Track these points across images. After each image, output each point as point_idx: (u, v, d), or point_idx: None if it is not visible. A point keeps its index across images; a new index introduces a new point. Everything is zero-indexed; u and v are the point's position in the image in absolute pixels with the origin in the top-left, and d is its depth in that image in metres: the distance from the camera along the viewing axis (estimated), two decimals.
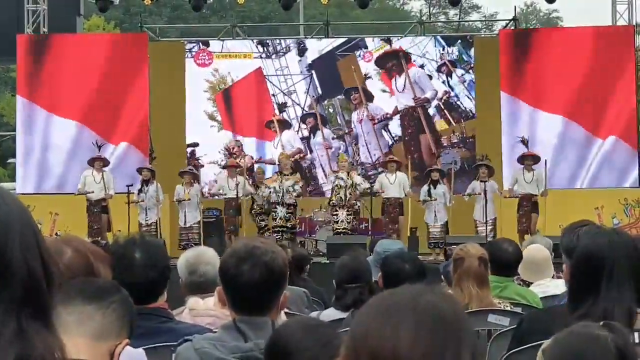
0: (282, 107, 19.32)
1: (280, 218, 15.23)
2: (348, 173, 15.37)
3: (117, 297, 2.16)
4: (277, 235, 14.96)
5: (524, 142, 15.34)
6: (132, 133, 17.46)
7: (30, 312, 1.25)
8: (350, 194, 15.09)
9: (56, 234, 14.96)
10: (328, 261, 12.63)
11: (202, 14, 29.70)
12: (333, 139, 19.32)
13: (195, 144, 19.03)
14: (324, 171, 19.05)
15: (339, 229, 15.11)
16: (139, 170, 15.54)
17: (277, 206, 15.28)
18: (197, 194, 15.35)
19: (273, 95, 19.32)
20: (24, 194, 16.44)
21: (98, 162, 15.41)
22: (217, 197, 16.24)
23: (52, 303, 1.29)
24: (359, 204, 15.52)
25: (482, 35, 31.34)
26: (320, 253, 15.06)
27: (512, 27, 19.47)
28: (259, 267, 2.84)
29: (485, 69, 17.90)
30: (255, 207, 15.94)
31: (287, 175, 15.47)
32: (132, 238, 3.41)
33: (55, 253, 1.34)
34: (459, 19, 40.53)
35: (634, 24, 18.32)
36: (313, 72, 19.36)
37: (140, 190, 15.16)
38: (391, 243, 6.02)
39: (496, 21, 33.17)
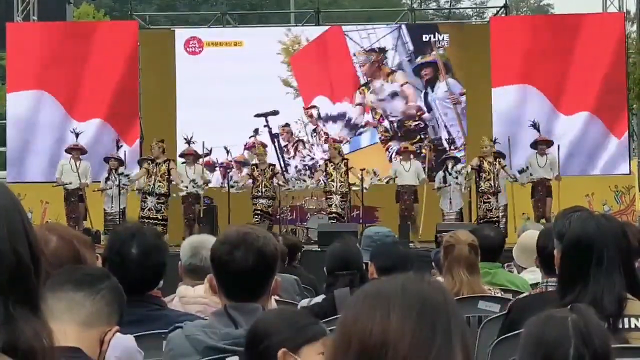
0: (382, 51, 17.38)
1: (149, 209, 14.93)
2: (495, 157, 14.97)
3: (107, 284, 2.16)
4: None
5: (535, 126, 15.31)
6: (122, 121, 17.42)
7: (17, 299, 1.25)
8: (497, 180, 14.74)
9: (46, 222, 14.91)
10: (319, 249, 12.64)
11: (192, 2, 29.63)
12: (461, 94, 17.48)
13: (275, 112, 18.12)
14: (449, 134, 17.00)
15: (494, 217, 14.75)
16: (106, 160, 15.52)
17: (147, 196, 14.90)
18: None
19: (354, 54, 17.87)
20: (14, 182, 16.39)
21: (75, 151, 15.39)
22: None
23: (40, 290, 1.29)
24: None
25: (473, 23, 31.32)
26: (312, 241, 15.05)
27: (503, 15, 19.46)
28: (252, 252, 2.85)
29: (476, 56, 17.87)
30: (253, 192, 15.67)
31: (161, 163, 15.01)
32: (132, 231, 3.38)
33: (41, 241, 1.34)
34: (450, 6, 40.50)
35: (625, 11, 18.34)
36: (402, 23, 17.96)
37: (107, 179, 15.13)
38: (380, 228, 6.05)
39: (487, 8, 33.18)
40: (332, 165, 15.22)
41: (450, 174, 15.22)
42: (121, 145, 15.61)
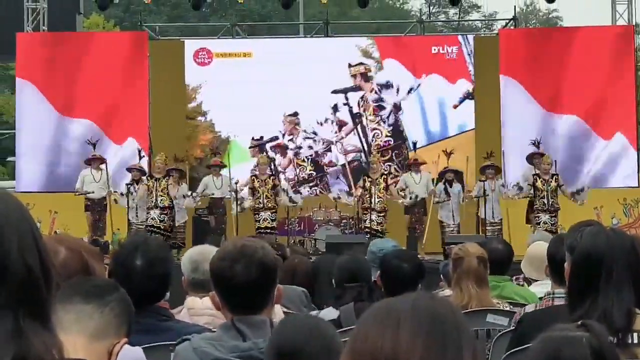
0: None
1: (152, 218, 14.85)
2: (553, 176, 14.76)
3: (116, 296, 2.15)
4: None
5: (536, 144, 15.27)
6: (132, 132, 17.45)
7: (28, 311, 1.24)
8: (553, 198, 14.52)
9: (55, 232, 14.93)
10: None
11: (201, 13, 29.68)
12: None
13: (357, 88, 17.79)
14: None
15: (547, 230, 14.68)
16: (129, 170, 15.53)
17: (151, 210, 14.78)
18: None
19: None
20: (23, 192, 16.40)
21: (95, 162, 15.42)
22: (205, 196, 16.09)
23: (50, 302, 1.29)
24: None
25: (482, 35, 31.33)
26: (319, 252, 15.01)
27: (512, 27, 19.46)
28: (253, 265, 2.84)
29: (485, 68, 17.87)
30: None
31: (160, 178, 14.82)
32: (136, 243, 3.37)
33: (50, 252, 1.33)
34: (459, 18, 40.49)
35: (634, 24, 18.32)
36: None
37: (129, 189, 15.10)
38: (385, 241, 6.03)
39: (496, 20, 33.15)
40: (369, 181, 15.02)
41: (450, 187, 15.18)
42: (143, 156, 15.64)
